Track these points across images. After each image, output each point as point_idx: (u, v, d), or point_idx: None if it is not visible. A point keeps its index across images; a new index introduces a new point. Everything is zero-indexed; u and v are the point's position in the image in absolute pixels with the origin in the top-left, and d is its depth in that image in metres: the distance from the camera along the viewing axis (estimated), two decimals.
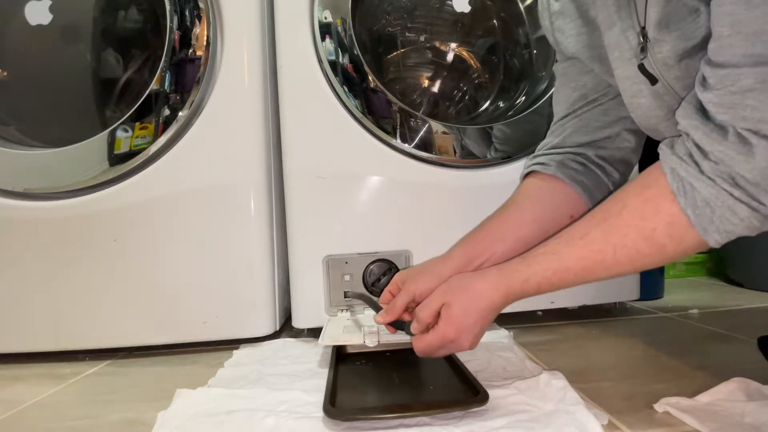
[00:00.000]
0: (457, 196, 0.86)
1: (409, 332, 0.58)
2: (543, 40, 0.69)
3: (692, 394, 0.51)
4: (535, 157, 0.69)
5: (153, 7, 0.86)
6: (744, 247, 1.16)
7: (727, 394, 0.51)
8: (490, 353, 0.70)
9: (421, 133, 0.84)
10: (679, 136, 0.46)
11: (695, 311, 0.96)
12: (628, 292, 0.93)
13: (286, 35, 0.84)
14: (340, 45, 0.83)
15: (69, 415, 0.59)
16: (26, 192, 0.80)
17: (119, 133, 0.79)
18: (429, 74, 1.02)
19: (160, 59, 0.79)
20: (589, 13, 0.60)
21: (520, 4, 0.98)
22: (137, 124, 0.79)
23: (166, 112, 0.79)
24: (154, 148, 0.79)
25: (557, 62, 0.69)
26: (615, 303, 0.98)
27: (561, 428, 0.46)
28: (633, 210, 0.47)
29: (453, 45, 1.01)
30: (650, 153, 0.65)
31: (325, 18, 0.83)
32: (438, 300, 0.55)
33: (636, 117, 0.56)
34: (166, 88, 0.79)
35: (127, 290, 0.80)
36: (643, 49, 0.50)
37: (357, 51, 0.82)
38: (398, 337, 0.63)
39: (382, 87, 0.83)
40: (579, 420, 0.47)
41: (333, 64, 0.83)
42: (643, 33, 0.49)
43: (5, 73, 0.90)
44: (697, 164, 0.43)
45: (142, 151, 0.79)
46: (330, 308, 0.84)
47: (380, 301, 0.65)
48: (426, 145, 0.84)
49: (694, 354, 0.69)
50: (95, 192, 0.80)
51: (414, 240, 0.85)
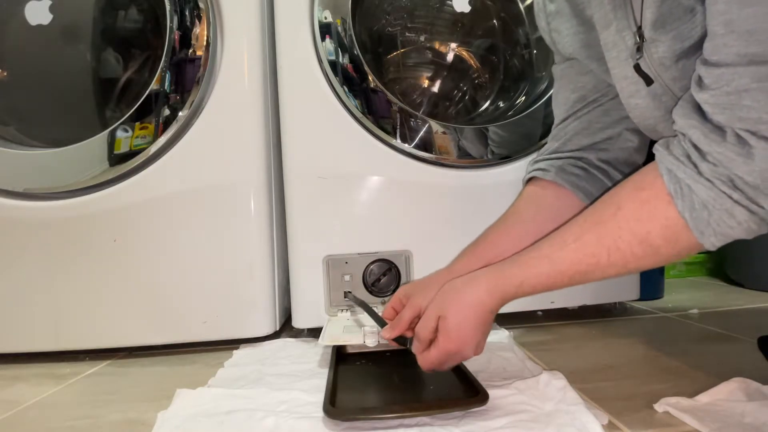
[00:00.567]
0: (457, 196, 0.86)
1: (410, 348, 0.57)
2: (543, 40, 0.69)
3: (692, 394, 0.51)
4: (535, 162, 0.69)
5: (153, 7, 0.86)
6: (744, 247, 1.16)
7: (727, 394, 0.51)
8: (490, 353, 0.70)
9: (421, 133, 0.84)
10: (676, 136, 0.45)
11: (695, 311, 0.96)
12: (628, 292, 0.93)
13: (286, 35, 0.84)
14: (340, 45, 0.83)
15: (69, 415, 0.59)
16: (26, 192, 0.80)
17: (119, 133, 0.79)
18: (429, 74, 1.02)
19: (160, 59, 0.79)
20: (584, 13, 0.60)
21: (520, 4, 0.98)
22: (137, 124, 0.79)
23: (166, 112, 0.79)
24: (154, 148, 0.79)
25: (555, 64, 0.69)
26: (615, 303, 0.98)
27: (561, 428, 0.46)
28: (628, 212, 0.46)
29: (453, 45, 1.01)
30: (651, 155, 0.65)
31: (325, 18, 0.83)
32: (433, 315, 0.54)
33: (634, 117, 0.56)
34: (166, 88, 0.79)
35: (127, 290, 0.80)
36: (639, 49, 0.49)
37: (357, 51, 0.82)
38: None
39: (382, 87, 0.83)
40: (579, 420, 0.47)
41: (333, 64, 0.83)
42: (639, 33, 0.49)
43: (5, 73, 0.90)
44: (695, 165, 0.42)
45: (142, 151, 0.79)
46: (330, 308, 0.84)
47: (384, 316, 0.64)
48: (426, 145, 0.84)
49: (694, 354, 0.69)
50: (95, 192, 0.80)
51: (414, 240, 0.85)
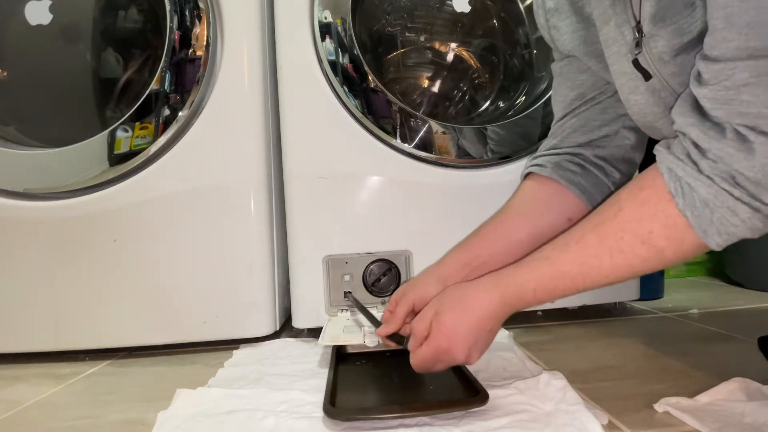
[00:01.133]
0: (457, 196, 0.86)
1: (406, 346, 0.57)
2: (543, 39, 0.69)
3: (692, 394, 0.51)
4: (534, 158, 0.69)
5: (153, 7, 0.86)
6: (744, 247, 1.16)
7: (727, 394, 0.51)
8: (490, 353, 0.70)
9: (421, 133, 0.84)
10: (677, 136, 0.45)
11: (695, 311, 0.96)
12: (628, 292, 0.93)
13: (286, 35, 0.84)
14: (340, 45, 0.83)
15: (69, 415, 0.59)
16: (26, 192, 0.80)
17: (119, 133, 0.79)
18: (429, 74, 1.02)
19: (160, 59, 0.79)
20: (583, 10, 0.59)
21: (520, 4, 0.98)
22: (137, 124, 0.79)
23: (166, 112, 0.79)
24: (154, 148, 0.79)
25: (554, 62, 0.69)
26: (615, 303, 0.98)
27: (561, 428, 0.46)
28: (628, 212, 0.45)
29: (453, 45, 1.01)
30: (652, 155, 0.65)
31: (325, 18, 0.83)
32: (431, 310, 0.54)
33: (633, 114, 0.56)
34: (166, 88, 0.79)
35: (127, 290, 0.80)
36: (638, 44, 0.49)
37: (357, 51, 0.82)
38: None
39: (382, 87, 0.83)
40: (579, 420, 0.47)
41: (333, 64, 0.83)
42: (638, 27, 0.49)
43: (5, 73, 0.90)
44: (695, 163, 0.41)
45: (142, 151, 0.79)
46: (330, 308, 0.84)
47: (381, 318, 0.64)
48: (426, 145, 0.84)
49: (694, 354, 0.69)
50: (95, 192, 0.80)
51: (414, 240, 0.85)
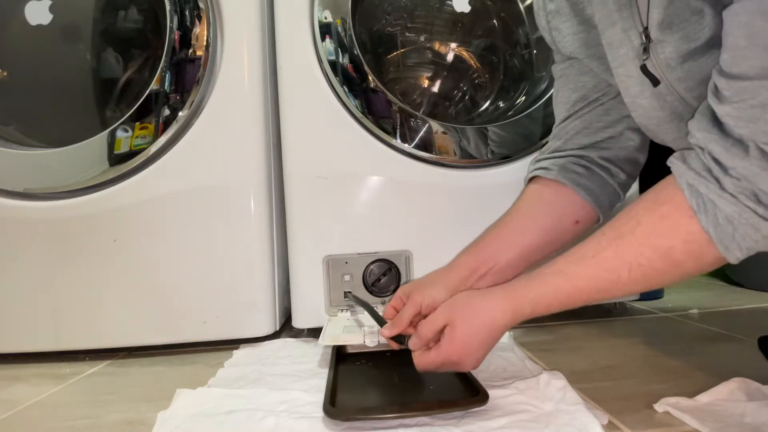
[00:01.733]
0: (457, 196, 0.86)
1: (406, 345, 0.56)
2: (543, 40, 0.69)
3: (692, 394, 0.51)
4: (537, 161, 0.68)
5: (153, 7, 0.86)
6: None
7: (727, 394, 0.51)
8: (490, 353, 0.69)
9: (421, 133, 0.84)
10: (688, 147, 0.45)
11: (695, 311, 0.96)
12: None
13: (286, 35, 0.84)
14: (340, 45, 0.83)
15: (69, 415, 0.59)
16: (26, 192, 0.80)
17: (119, 133, 0.79)
18: (429, 74, 1.02)
19: (160, 59, 0.79)
20: (585, 12, 0.59)
21: (520, 4, 0.98)
22: (137, 124, 0.79)
23: (166, 112, 0.79)
24: (154, 148, 0.79)
25: (555, 63, 0.68)
26: (615, 303, 0.98)
27: (561, 428, 0.46)
28: (647, 227, 0.45)
29: (453, 45, 1.01)
30: (653, 157, 0.65)
31: (325, 18, 0.83)
32: (442, 318, 0.53)
33: (636, 117, 0.56)
34: (166, 88, 0.79)
35: (127, 290, 0.80)
36: (646, 50, 0.49)
37: (357, 51, 0.82)
38: None
39: (382, 87, 0.83)
40: (579, 420, 0.47)
41: (333, 64, 0.83)
42: (646, 33, 0.49)
43: (5, 73, 0.90)
44: (717, 180, 0.41)
45: (142, 151, 0.79)
46: (330, 308, 0.84)
47: (384, 315, 0.64)
48: (426, 145, 0.84)
49: (694, 354, 0.69)
50: (95, 192, 0.80)
51: (414, 240, 0.85)
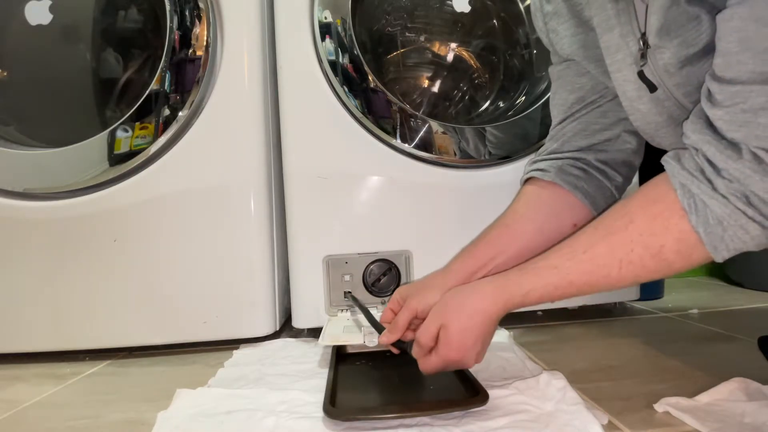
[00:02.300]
0: (457, 196, 0.86)
1: (410, 353, 0.57)
2: None
3: (692, 394, 0.51)
4: (534, 162, 0.68)
5: (153, 7, 0.86)
6: None
7: (727, 394, 0.51)
8: (490, 353, 0.69)
9: (421, 133, 0.84)
10: (684, 148, 0.45)
11: (695, 311, 0.96)
12: (628, 292, 0.93)
13: (286, 35, 0.84)
14: (340, 45, 0.83)
15: (69, 415, 0.59)
16: (26, 192, 0.80)
17: (119, 133, 0.79)
18: (429, 74, 1.02)
19: (160, 59, 0.79)
20: (583, 14, 0.59)
21: (520, 4, 0.98)
22: (137, 124, 0.79)
23: (166, 112, 0.79)
24: (154, 148, 0.79)
25: (552, 65, 0.68)
26: (615, 303, 0.98)
27: (561, 428, 0.46)
28: (640, 225, 0.46)
29: (453, 45, 1.01)
30: (650, 158, 0.65)
31: (325, 18, 0.83)
32: (435, 321, 0.53)
33: (634, 121, 0.56)
34: (166, 88, 0.79)
35: (127, 290, 0.80)
36: (644, 56, 0.49)
37: (357, 51, 0.82)
38: None
39: (382, 87, 0.83)
40: (579, 420, 0.47)
41: (333, 64, 0.83)
42: (644, 39, 0.49)
43: (5, 73, 0.90)
44: (710, 181, 0.42)
45: (142, 151, 0.79)
46: (330, 308, 0.84)
47: (382, 318, 0.64)
48: (426, 145, 0.84)
49: (694, 354, 0.69)
50: (95, 192, 0.80)
51: (414, 240, 0.85)
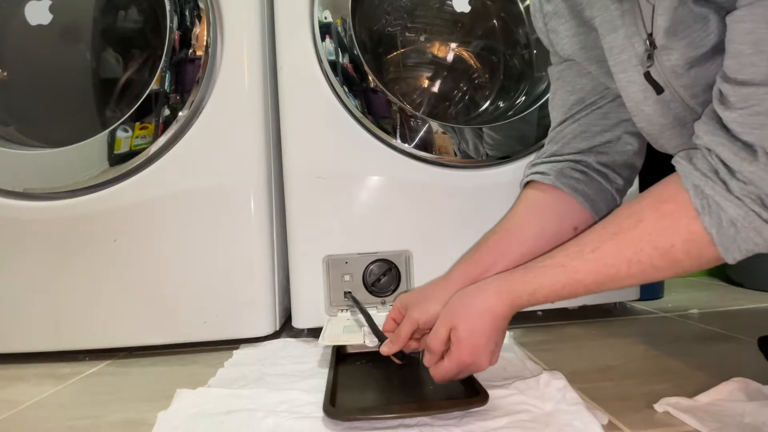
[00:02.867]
0: (457, 196, 0.86)
1: (422, 361, 0.57)
2: None
3: (692, 394, 0.51)
4: (534, 165, 0.67)
5: (153, 7, 0.86)
6: None
7: (727, 394, 0.51)
8: None
9: (421, 133, 0.84)
10: (691, 148, 0.45)
11: (695, 311, 0.96)
12: (628, 292, 0.93)
13: (286, 35, 0.84)
14: (340, 45, 0.83)
15: (69, 415, 0.59)
16: (26, 192, 0.80)
17: (119, 133, 0.79)
18: (429, 74, 1.02)
19: (160, 59, 0.79)
20: (584, 14, 0.58)
21: (520, 4, 0.98)
22: (137, 124, 0.79)
23: (166, 112, 0.79)
24: (154, 148, 0.79)
25: (552, 65, 0.67)
26: (615, 303, 0.98)
27: (561, 428, 0.46)
28: (649, 224, 0.45)
29: (453, 45, 1.01)
30: (651, 160, 0.65)
31: (325, 18, 0.83)
32: (444, 326, 0.53)
33: (638, 122, 0.55)
34: (166, 88, 0.79)
35: (127, 290, 0.80)
36: (650, 57, 0.49)
37: (357, 51, 0.82)
38: None
39: (382, 87, 0.83)
40: (579, 420, 0.47)
41: (333, 64, 0.83)
42: (651, 40, 0.48)
43: (5, 73, 0.90)
44: (724, 183, 0.41)
45: (142, 151, 0.79)
46: (330, 308, 0.84)
47: (384, 328, 0.64)
48: (426, 145, 0.84)
49: (694, 354, 0.69)
50: (95, 192, 0.80)
51: (414, 240, 0.85)
